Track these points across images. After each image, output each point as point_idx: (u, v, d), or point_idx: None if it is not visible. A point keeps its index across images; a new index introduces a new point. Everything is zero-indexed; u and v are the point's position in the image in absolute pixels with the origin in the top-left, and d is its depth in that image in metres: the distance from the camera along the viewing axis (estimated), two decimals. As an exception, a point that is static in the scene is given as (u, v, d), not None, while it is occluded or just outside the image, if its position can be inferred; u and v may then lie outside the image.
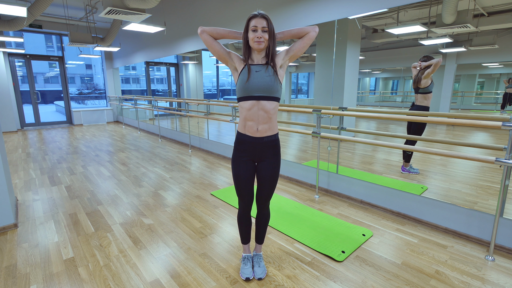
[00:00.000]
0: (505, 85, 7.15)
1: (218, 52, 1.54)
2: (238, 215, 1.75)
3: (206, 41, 1.52)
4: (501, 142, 4.93)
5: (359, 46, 4.82)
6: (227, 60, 1.55)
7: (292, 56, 1.55)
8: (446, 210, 2.27)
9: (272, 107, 1.49)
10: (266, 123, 1.50)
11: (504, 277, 1.74)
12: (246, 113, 1.49)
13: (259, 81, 1.45)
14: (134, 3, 3.49)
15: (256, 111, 1.48)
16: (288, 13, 3.37)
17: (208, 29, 1.51)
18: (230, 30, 1.55)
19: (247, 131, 1.53)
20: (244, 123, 1.53)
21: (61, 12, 7.02)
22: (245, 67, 1.50)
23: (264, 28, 1.43)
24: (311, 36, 1.51)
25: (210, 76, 11.34)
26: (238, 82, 1.50)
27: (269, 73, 1.47)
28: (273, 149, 1.59)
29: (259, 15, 1.44)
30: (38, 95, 8.28)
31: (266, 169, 1.59)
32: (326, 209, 2.72)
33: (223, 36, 1.55)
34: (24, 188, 3.33)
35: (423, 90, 3.26)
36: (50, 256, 1.99)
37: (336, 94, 4.71)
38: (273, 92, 1.47)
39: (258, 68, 1.48)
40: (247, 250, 1.81)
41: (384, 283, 1.69)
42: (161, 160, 4.57)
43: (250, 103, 1.47)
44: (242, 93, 1.48)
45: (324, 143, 4.46)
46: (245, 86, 1.46)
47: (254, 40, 1.44)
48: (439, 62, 3.11)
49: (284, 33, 1.55)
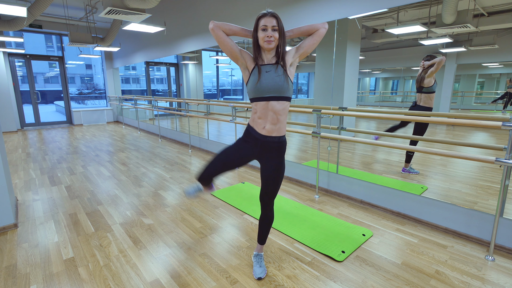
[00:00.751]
0: (507, 84, 7.16)
1: (230, 49, 1.49)
2: (201, 174, 1.64)
3: (219, 37, 1.46)
4: (501, 142, 4.93)
5: (359, 46, 4.82)
6: (238, 58, 1.51)
7: (302, 53, 1.53)
8: (446, 210, 2.27)
9: (282, 107, 1.48)
10: (274, 124, 1.49)
11: (504, 277, 1.74)
12: (258, 112, 1.49)
13: (269, 82, 1.44)
14: (134, 3, 3.49)
15: (266, 111, 1.48)
16: (288, 13, 3.37)
17: (221, 24, 1.46)
18: (241, 27, 1.53)
19: (256, 127, 1.52)
20: (254, 118, 1.52)
21: (61, 12, 7.02)
22: (255, 68, 1.48)
23: (274, 27, 1.41)
24: (321, 32, 1.50)
25: (210, 76, 11.34)
26: (249, 83, 1.49)
27: (279, 73, 1.46)
28: (278, 150, 1.56)
29: (269, 14, 1.42)
30: (38, 95, 8.28)
31: (270, 169, 1.58)
32: (326, 209, 2.72)
33: (235, 32, 1.52)
34: (24, 188, 3.32)
35: (426, 89, 3.23)
36: (50, 256, 1.99)
37: (336, 94, 4.71)
38: (283, 92, 1.46)
39: (268, 68, 1.47)
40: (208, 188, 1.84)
41: (384, 283, 1.69)
42: (161, 160, 4.57)
43: (262, 104, 1.47)
44: (254, 94, 1.47)
45: (324, 143, 4.46)
46: (256, 88, 1.45)
47: (264, 40, 1.42)
48: (443, 61, 3.09)
49: (293, 30, 1.53)
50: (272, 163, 1.58)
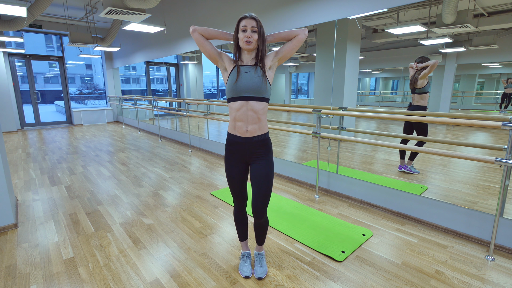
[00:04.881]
0: (504, 85, 7.16)
1: (209, 52, 1.56)
2: (234, 213, 1.77)
3: (198, 40, 1.53)
4: (501, 142, 4.93)
5: (359, 46, 4.82)
6: (217, 60, 1.57)
7: (281, 57, 1.56)
8: (446, 210, 2.27)
9: (261, 107, 1.50)
10: (255, 123, 1.51)
11: (504, 277, 1.74)
12: (235, 113, 1.51)
13: (247, 82, 1.47)
14: (134, 3, 3.49)
15: (245, 111, 1.49)
16: (288, 13, 3.37)
17: (200, 29, 1.53)
18: (221, 31, 1.57)
19: (237, 132, 1.54)
20: (233, 124, 1.54)
21: (61, 12, 7.02)
22: (234, 68, 1.51)
23: (253, 28, 1.45)
24: (300, 38, 1.52)
25: (210, 76, 11.34)
26: (227, 83, 1.52)
27: (258, 74, 1.48)
28: (264, 147, 1.58)
29: (249, 16, 1.46)
30: (38, 95, 8.27)
31: (259, 168, 1.58)
32: (326, 209, 2.72)
33: (214, 36, 1.57)
34: (24, 188, 3.32)
35: (419, 90, 3.29)
36: (50, 256, 1.99)
37: (336, 94, 4.71)
38: (261, 92, 1.49)
39: (247, 69, 1.50)
40: (245, 247, 1.82)
41: (384, 283, 1.69)
42: (161, 160, 4.57)
43: (239, 104, 1.49)
44: (231, 94, 1.50)
45: (324, 143, 4.46)
46: (234, 87, 1.48)
47: (243, 40, 1.45)
48: (436, 64, 3.14)
49: (273, 35, 1.56)
50: (261, 161, 1.58)
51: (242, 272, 1.75)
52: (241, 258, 1.82)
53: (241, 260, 1.81)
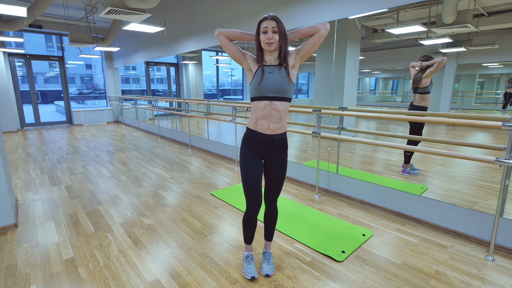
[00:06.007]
0: (506, 85, 7.15)
1: (234, 53, 1.58)
2: (244, 217, 1.70)
3: (223, 42, 1.57)
4: (501, 142, 4.93)
5: (359, 46, 4.82)
6: (242, 60, 1.59)
7: (303, 55, 1.55)
8: (446, 210, 2.27)
9: (284, 107, 1.53)
10: (277, 122, 1.53)
11: (504, 277, 1.74)
12: (259, 112, 1.52)
13: (272, 82, 1.48)
14: (134, 3, 3.49)
15: (269, 111, 1.51)
16: (288, 14, 3.37)
17: (224, 31, 1.56)
18: (244, 32, 1.60)
19: (258, 129, 1.55)
20: (255, 121, 1.55)
21: (61, 12, 7.02)
22: (259, 68, 1.52)
23: (274, 29, 1.45)
24: (322, 33, 1.51)
25: (210, 76, 11.33)
26: (252, 83, 1.53)
27: (282, 74, 1.49)
28: (282, 146, 1.62)
29: (269, 17, 1.47)
30: (38, 95, 8.27)
31: (274, 166, 1.62)
32: (326, 209, 2.72)
33: (238, 38, 1.60)
34: (24, 188, 3.32)
35: (422, 90, 3.24)
36: (50, 256, 1.99)
37: (336, 94, 4.70)
38: (285, 93, 1.50)
39: (272, 69, 1.51)
40: (250, 249, 1.82)
41: (384, 283, 1.69)
42: (161, 160, 4.57)
43: (264, 103, 1.50)
44: (256, 93, 1.51)
45: (324, 143, 4.46)
46: (259, 87, 1.49)
47: (265, 42, 1.47)
48: (444, 61, 3.07)
49: (294, 32, 1.55)
50: (278, 159, 1.62)
51: (248, 273, 1.72)
52: (245, 260, 1.80)
53: (245, 262, 1.79)
